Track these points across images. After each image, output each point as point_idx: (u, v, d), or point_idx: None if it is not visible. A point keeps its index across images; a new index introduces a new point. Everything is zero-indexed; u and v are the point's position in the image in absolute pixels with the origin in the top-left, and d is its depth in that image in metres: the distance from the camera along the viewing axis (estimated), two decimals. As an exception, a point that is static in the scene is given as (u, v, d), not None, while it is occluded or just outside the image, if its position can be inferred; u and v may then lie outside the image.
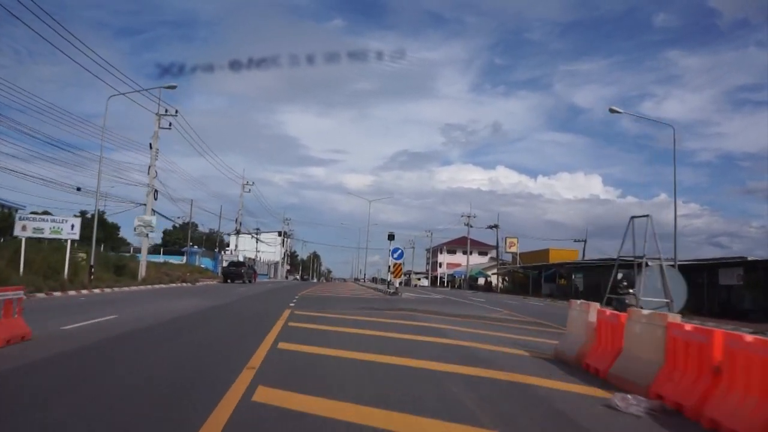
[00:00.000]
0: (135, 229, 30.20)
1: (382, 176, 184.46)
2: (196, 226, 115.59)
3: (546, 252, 54.04)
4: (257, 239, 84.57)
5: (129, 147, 57.20)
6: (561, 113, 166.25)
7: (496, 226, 66.62)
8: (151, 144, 29.97)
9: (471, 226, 66.76)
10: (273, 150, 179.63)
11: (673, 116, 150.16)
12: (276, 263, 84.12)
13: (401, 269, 26.28)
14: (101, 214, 62.98)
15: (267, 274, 77.43)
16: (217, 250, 60.92)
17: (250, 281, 41.62)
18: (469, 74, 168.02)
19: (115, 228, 55.07)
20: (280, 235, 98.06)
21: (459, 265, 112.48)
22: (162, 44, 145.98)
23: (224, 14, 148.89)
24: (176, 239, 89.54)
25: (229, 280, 39.08)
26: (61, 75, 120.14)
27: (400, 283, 31.76)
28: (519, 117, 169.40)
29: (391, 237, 29.11)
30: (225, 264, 42.78)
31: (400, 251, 25.93)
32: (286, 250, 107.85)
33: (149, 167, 29.91)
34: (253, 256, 76.80)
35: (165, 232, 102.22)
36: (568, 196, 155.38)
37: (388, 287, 30.07)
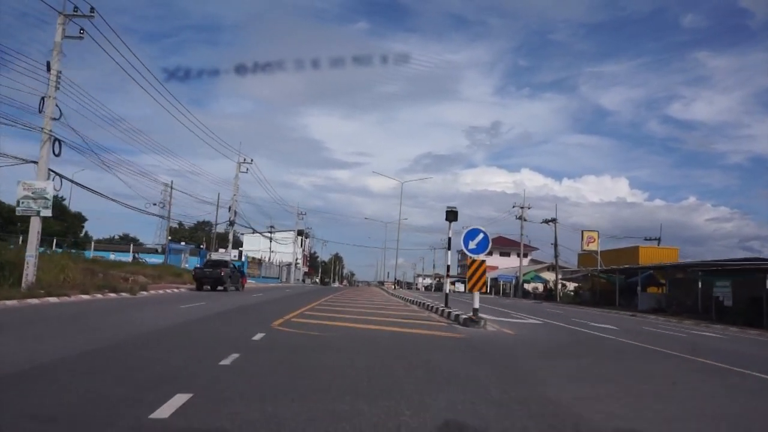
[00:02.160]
0: (18, 203, 17.93)
1: (406, 179, 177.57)
2: (211, 225, 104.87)
3: (634, 251, 40.41)
4: (270, 238, 72.42)
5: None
6: (587, 115, 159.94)
7: (553, 220, 53.17)
8: (48, 63, 17.70)
9: (525, 220, 53.21)
10: (298, 153, 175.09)
11: (702, 118, 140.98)
12: (289, 265, 71.68)
13: (485, 272, 12.71)
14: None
15: (278, 278, 65.21)
16: (203, 246, 48.69)
17: (237, 288, 29.16)
18: (493, 76, 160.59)
19: (79, 219, 42.93)
20: (299, 235, 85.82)
21: (496, 267, 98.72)
22: (187, 48, 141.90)
23: (249, 19, 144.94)
24: (181, 238, 78.47)
25: (208, 287, 26.61)
26: (90, 79, 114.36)
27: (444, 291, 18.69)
28: (544, 119, 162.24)
29: (452, 215, 16.32)
30: (202, 264, 30.26)
31: (482, 236, 12.30)
32: (304, 250, 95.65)
33: (42, 99, 17.58)
34: (260, 257, 64.74)
35: (171, 231, 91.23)
36: (594, 199, 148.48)
37: (446, 304, 17.08)
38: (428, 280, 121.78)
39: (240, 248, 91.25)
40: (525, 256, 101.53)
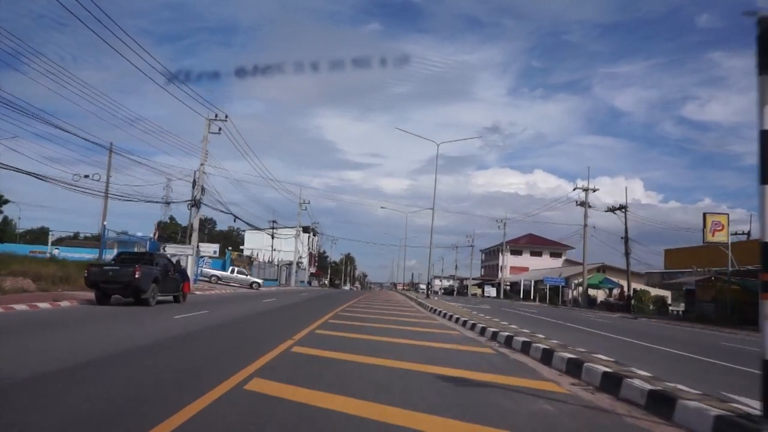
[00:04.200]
0: None
1: (418, 180, 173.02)
2: (214, 223, 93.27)
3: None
4: (273, 234, 60.60)
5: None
6: (600, 116, 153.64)
7: (622, 208, 40.59)
8: None
9: (590, 206, 40.50)
10: (310, 154, 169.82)
11: (717, 119, 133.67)
12: (289, 264, 59.45)
13: None
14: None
15: (276, 280, 53.17)
16: (154, 236, 36.63)
17: (176, 298, 16.98)
18: (506, 77, 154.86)
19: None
20: (305, 231, 73.80)
21: (526, 269, 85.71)
22: (202, 50, 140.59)
23: (262, 22, 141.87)
24: (171, 234, 66.94)
25: (139, 298, 14.42)
26: (107, 80, 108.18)
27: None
28: (557, 120, 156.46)
29: None
30: (113, 259, 17.99)
31: None
32: (311, 249, 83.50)
33: None
34: (251, 255, 52.88)
35: (161, 226, 79.56)
36: (608, 200, 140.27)
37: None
38: (446, 283, 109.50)
39: (242, 247, 79.48)
40: (558, 255, 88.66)
